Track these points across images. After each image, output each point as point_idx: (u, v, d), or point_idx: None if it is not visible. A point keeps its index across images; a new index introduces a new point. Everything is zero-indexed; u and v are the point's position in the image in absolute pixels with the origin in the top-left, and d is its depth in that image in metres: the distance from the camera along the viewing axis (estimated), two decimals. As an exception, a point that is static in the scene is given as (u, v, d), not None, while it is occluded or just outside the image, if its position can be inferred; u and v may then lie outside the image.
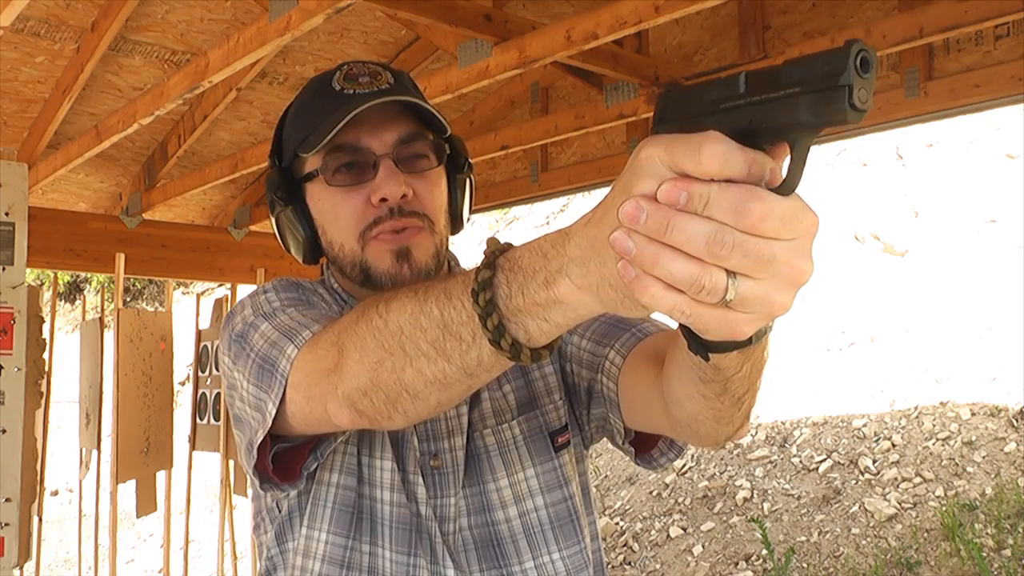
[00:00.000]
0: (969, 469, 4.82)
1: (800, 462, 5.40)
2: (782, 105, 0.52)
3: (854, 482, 5.07)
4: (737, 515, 5.26)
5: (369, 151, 1.04)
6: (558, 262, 0.62)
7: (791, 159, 0.54)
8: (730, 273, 0.53)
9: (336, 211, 1.06)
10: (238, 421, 1.02)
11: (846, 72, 0.49)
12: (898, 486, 4.92)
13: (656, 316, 0.69)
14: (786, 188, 0.53)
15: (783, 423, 5.84)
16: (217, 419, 3.99)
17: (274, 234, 1.16)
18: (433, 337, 0.73)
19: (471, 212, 1.19)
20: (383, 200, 1.03)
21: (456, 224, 1.15)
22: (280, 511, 1.07)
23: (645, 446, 1.09)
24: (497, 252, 0.70)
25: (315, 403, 0.87)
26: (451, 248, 1.17)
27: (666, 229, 0.52)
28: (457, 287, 0.71)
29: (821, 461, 5.32)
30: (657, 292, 0.54)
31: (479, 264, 0.69)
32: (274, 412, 0.91)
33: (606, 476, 6.26)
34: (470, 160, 1.15)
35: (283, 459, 0.99)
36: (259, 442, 0.94)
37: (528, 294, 0.65)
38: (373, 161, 1.04)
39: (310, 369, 0.88)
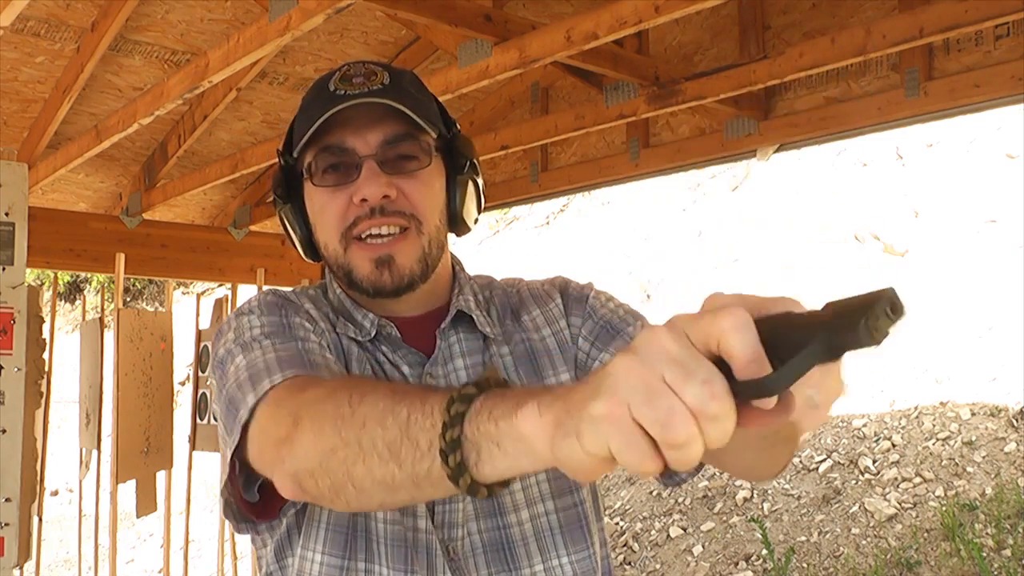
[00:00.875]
0: (969, 469, 4.82)
1: (800, 462, 5.40)
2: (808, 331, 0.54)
3: (854, 482, 5.07)
4: (737, 515, 5.26)
5: (354, 152, 1.04)
6: (536, 398, 0.62)
7: (787, 365, 0.54)
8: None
9: (323, 210, 1.06)
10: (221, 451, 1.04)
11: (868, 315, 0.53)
12: (898, 486, 4.92)
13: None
14: (767, 388, 0.54)
15: (783, 423, 5.83)
16: (217, 419, 3.99)
17: (283, 231, 1.18)
18: (391, 438, 0.72)
19: (479, 213, 1.17)
20: (364, 201, 1.03)
21: (459, 225, 1.13)
22: (279, 528, 1.06)
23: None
24: (493, 382, 0.69)
25: (265, 468, 0.88)
26: (452, 249, 1.16)
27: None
28: (437, 395, 0.71)
29: (821, 461, 5.32)
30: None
31: (468, 381, 0.70)
32: (229, 457, 0.92)
33: (606, 476, 6.26)
34: (474, 160, 1.14)
35: (268, 490, 0.97)
36: (223, 483, 0.95)
37: (493, 416, 0.64)
38: (357, 162, 1.04)
39: (264, 432, 0.88)
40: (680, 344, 0.54)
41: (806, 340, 0.53)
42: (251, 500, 0.98)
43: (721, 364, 0.54)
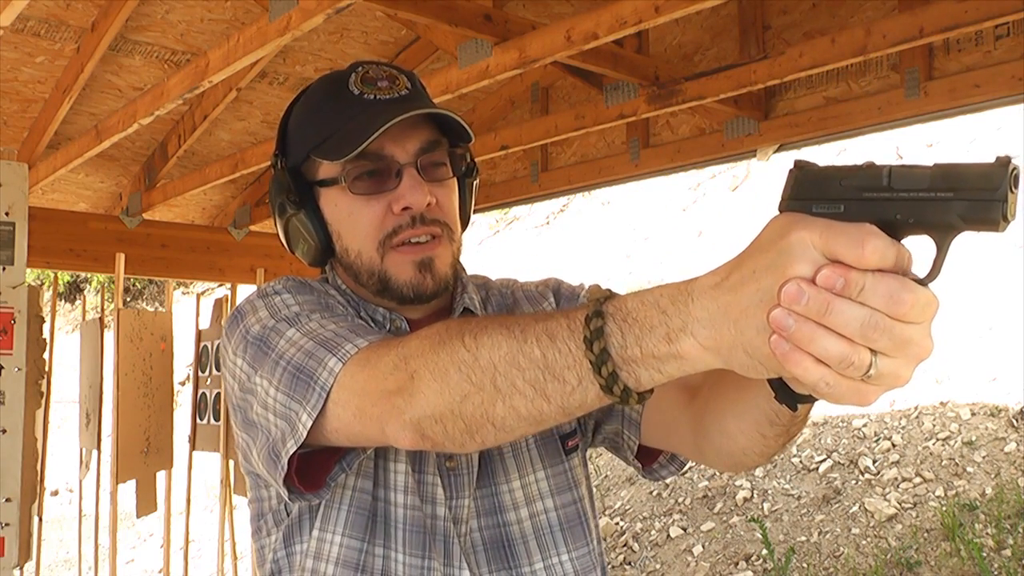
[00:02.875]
0: (969, 469, 4.82)
1: (800, 462, 5.40)
2: (935, 207, 0.59)
3: (854, 482, 5.07)
4: (737, 515, 5.26)
5: (393, 159, 1.02)
6: (681, 320, 0.65)
7: (936, 255, 0.60)
8: (873, 352, 0.59)
9: (355, 218, 1.04)
10: (251, 426, 0.99)
11: (1002, 187, 0.56)
12: (898, 486, 4.92)
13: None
14: (930, 279, 0.60)
15: (783, 423, 5.84)
16: (217, 419, 3.99)
17: (277, 235, 1.14)
18: (532, 377, 0.73)
19: (472, 212, 1.19)
20: (406, 208, 1.02)
21: (463, 227, 1.15)
22: (288, 514, 1.06)
23: (647, 459, 1.12)
24: (603, 299, 0.71)
25: (369, 423, 0.86)
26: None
27: (825, 312, 0.58)
28: (561, 330, 0.72)
29: (821, 461, 5.32)
30: (809, 366, 0.59)
31: (587, 311, 0.70)
32: (310, 425, 0.89)
33: (606, 476, 6.27)
34: (476, 163, 1.16)
35: (301, 466, 0.97)
36: (290, 454, 0.91)
37: (646, 346, 0.67)
38: (396, 169, 1.03)
39: (364, 388, 0.87)
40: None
41: (940, 224, 0.59)
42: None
43: None
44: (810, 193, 0.63)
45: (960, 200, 0.57)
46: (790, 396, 0.69)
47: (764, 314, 0.60)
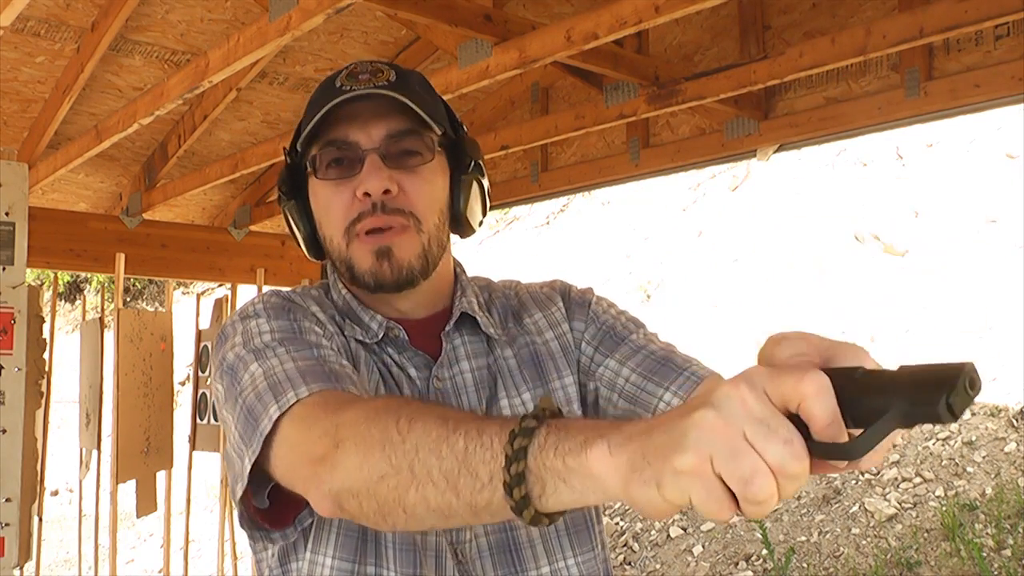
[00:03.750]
0: (969, 469, 4.82)
1: (800, 462, 5.40)
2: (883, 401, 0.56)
3: (854, 482, 5.07)
4: (737, 515, 5.26)
5: (356, 145, 1.04)
6: (604, 436, 0.63)
7: (865, 432, 0.56)
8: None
9: (328, 205, 1.06)
10: (229, 457, 1.01)
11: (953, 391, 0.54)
12: (898, 486, 4.92)
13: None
14: (851, 453, 0.56)
15: (783, 423, 5.83)
16: (217, 419, 3.99)
17: (287, 229, 1.17)
18: (448, 468, 0.72)
19: (484, 215, 1.17)
20: (367, 195, 1.02)
21: (462, 226, 1.13)
22: (290, 535, 1.05)
23: None
24: (548, 412, 0.70)
25: (297, 483, 0.87)
26: (453, 251, 1.16)
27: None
28: (492, 426, 0.71)
29: (821, 461, 5.31)
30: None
31: (527, 413, 0.70)
32: (249, 468, 0.91)
33: (606, 476, 6.26)
34: (480, 161, 1.13)
35: (279, 497, 0.97)
36: (240, 494, 0.93)
37: (560, 452, 0.65)
38: (360, 156, 1.03)
39: (296, 447, 0.87)
40: (761, 402, 0.56)
41: (884, 407, 0.55)
42: (260, 506, 0.98)
43: (796, 420, 0.57)
44: None
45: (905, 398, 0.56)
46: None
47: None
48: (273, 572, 1.06)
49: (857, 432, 0.56)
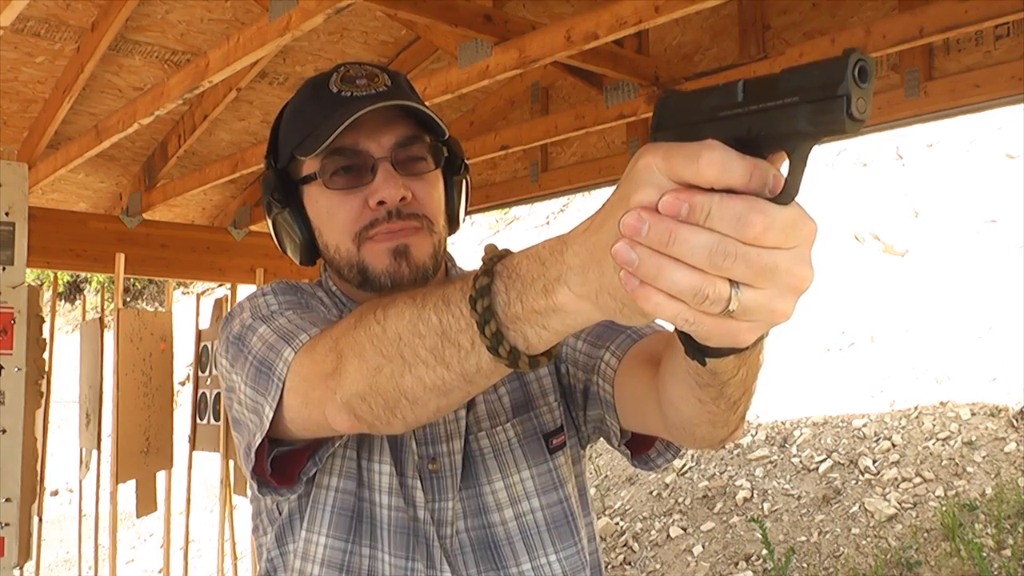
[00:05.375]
0: (969, 469, 4.82)
1: (800, 462, 5.40)
2: (781, 114, 0.52)
3: (854, 482, 5.07)
4: (737, 515, 5.26)
5: (367, 154, 1.03)
6: (557, 270, 0.63)
7: (790, 168, 0.54)
8: (733, 283, 0.53)
9: (333, 213, 1.06)
10: (236, 424, 1.03)
11: (844, 82, 0.49)
12: (898, 486, 4.92)
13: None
14: (785, 197, 0.53)
15: (783, 423, 5.84)
16: (217, 419, 3.99)
17: (270, 235, 1.16)
18: (431, 344, 0.73)
19: (467, 213, 1.18)
20: (381, 203, 1.02)
21: (453, 225, 1.15)
22: (280, 513, 1.07)
23: (642, 447, 1.09)
24: (495, 259, 0.70)
25: (313, 408, 0.87)
26: (449, 250, 1.17)
27: (668, 241, 0.52)
28: (455, 294, 0.71)
29: (821, 461, 5.32)
30: (661, 302, 0.54)
31: (477, 270, 0.69)
32: (271, 416, 0.91)
33: (606, 476, 6.26)
34: (466, 161, 1.15)
35: (282, 463, 1.00)
36: (257, 446, 0.94)
37: (527, 302, 0.65)
38: (371, 164, 1.03)
39: (308, 373, 0.88)
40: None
41: (788, 134, 0.52)
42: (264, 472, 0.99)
43: None
44: (674, 121, 0.58)
45: (805, 103, 0.51)
46: (696, 348, 0.63)
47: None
48: (271, 554, 1.07)
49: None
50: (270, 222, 1.13)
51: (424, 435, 1.06)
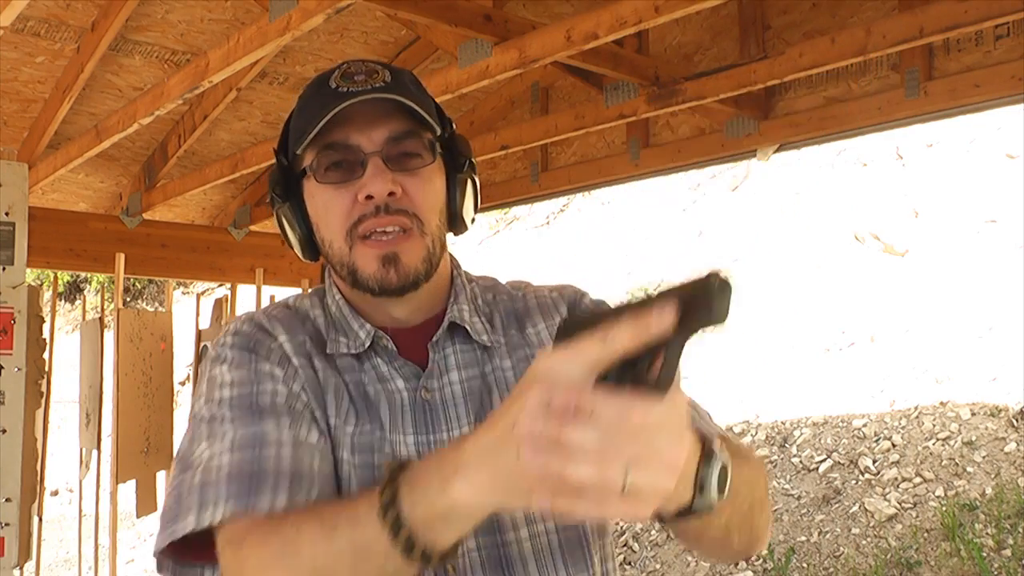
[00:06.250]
0: (969, 469, 4.82)
1: (800, 462, 5.40)
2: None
3: (854, 482, 5.07)
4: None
5: (358, 149, 1.02)
6: (453, 465, 0.69)
7: (664, 362, 0.61)
8: (624, 468, 0.59)
9: (326, 208, 1.05)
10: (173, 486, 0.99)
11: (708, 295, 0.59)
12: (898, 486, 4.92)
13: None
14: (661, 388, 0.61)
15: (783, 423, 5.84)
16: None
17: (279, 231, 1.16)
18: (350, 562, 0.77)
19: (476, 212, 1.16)
20: (369, 197, 1.01)
21: (457, 224, 1.12)
22: None
23: None
24: (397, 470, 0.75)
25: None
26: (450, 249, 1.15)
27: (560, 436, 0.59)
28: (362, 507, 0.76)
29: (821, 461, 5.32)
30: (574, 502, 0.60)
31: (382, 483, 0.75)
32: (164, 545, 0.91)
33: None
34: (472, 160, 1.13)
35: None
36: (162, 548, 0.92)
37: (427, 503, 0.71)
38: (361, 159, 1.02)
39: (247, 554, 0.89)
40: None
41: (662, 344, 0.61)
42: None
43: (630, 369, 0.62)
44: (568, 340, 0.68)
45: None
46: (661, 519, 0.78)
47: (515, 447, 0.62)
48: None
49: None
50: (275, 215, 1.13)
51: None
